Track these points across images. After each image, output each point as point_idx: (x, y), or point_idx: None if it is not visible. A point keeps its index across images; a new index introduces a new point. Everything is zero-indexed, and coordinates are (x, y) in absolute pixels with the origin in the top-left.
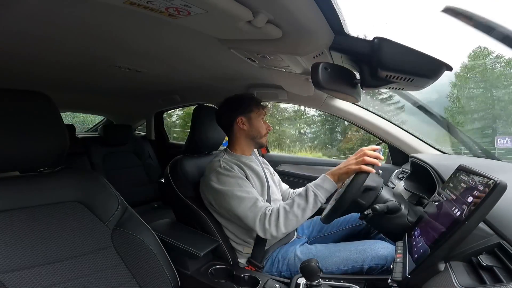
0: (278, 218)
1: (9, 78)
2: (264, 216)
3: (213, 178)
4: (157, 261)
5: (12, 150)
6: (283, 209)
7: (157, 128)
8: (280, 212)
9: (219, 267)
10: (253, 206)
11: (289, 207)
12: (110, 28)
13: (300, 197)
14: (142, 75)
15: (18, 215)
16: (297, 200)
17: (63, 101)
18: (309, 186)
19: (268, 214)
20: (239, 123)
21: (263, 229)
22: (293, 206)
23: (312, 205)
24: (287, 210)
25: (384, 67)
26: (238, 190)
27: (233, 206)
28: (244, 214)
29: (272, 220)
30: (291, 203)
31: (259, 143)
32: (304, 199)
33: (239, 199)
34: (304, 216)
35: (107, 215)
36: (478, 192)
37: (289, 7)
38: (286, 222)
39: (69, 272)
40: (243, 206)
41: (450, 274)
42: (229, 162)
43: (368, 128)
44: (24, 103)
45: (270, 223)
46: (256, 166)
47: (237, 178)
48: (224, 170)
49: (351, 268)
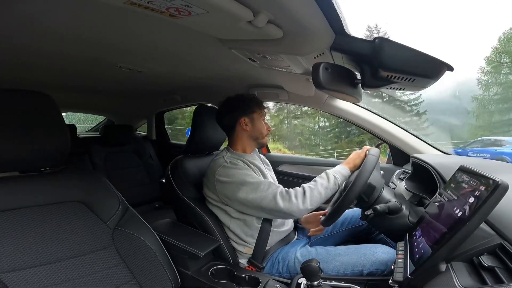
0: (304, 194)
1: (10, 78)
2: (286, 192)
3: (221, 173)
4: (158, 261)
5: (14, 150)
6: (308, 187)
7: (158, 128)
8: (306, 189)
9: (220, 267)
10: (270, 188)
11: (313, 185)
12: (111, 29)
13: (321, 178)
14: (143, 75)
15: (19, 215)
16: (319, 180)
17: (64, 101)
18: (328, 171)
19: (291, 190)
20: (242, 124)
21: (289, 202)
22: (316, 185)
23: (332, 185)
24: (312, 188)
25: (385, 67)
26: (250, 177)
27: (249, 192)
28: (263, 196)
29: (299, 195)
30: (314, 183)
31: (260, 143)
32: (326, 180)
33: (254, 184)
34: (326, 194)
35: (108, 215)
36: (480, 193)
37: (289, 7)
38: (312, 197)
39: (70, 272)
40: (260, 190)
41: (451, 274)
42: (233, 159)
43: (369, 129)
44: (25, 103)
45: (297, 197)
46: (259, 164)
47: (244, 169)
48: (231, 164)
49: (351, 272)
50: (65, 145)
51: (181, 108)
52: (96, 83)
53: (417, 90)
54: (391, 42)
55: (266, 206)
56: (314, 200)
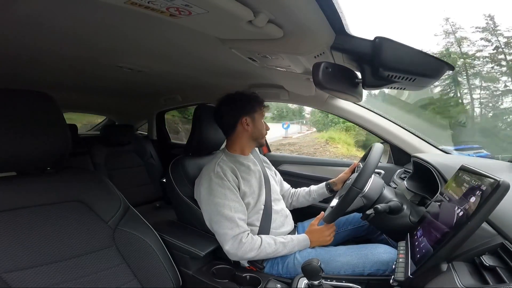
0: (252, 249)
1: (12, 78)
2: (238, 241)
3: (204, 183)
4: (159, 261)
5: (15, 150)
6: (265, 244)
7: (158, 127)
8: (262, 245)
9: (221, 267)
10: (230, 228)
11: (269, 246)
12: (111, 29)
13: (284, 246)
14: (143, 75)
15: (21, 214)
16: (280, 248)
17: (65, 101)
18: (295, 243)
19: (244, 241)
20: (243, 124)
21: (234, 250)
22: (271, 246)
23: (284, 253)
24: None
25: (386, 67)
26: (221, 205)
27: (212, 220)
28: (219, 231)
29: (247, 248)
30: (273, 243)
31: (260, 142)
32: (282, 248)
33: (221, 216)
34: (274, 255)
35: (109, 214)
36: (481, 192)
37: (290, 7)
38: (259, 254)
39: (71, 271)
40: (221, 225)
41: (452, 274)
42: (224, 166)
43: (370, 128)
44: (27, 103)
45: (245, 249)
46: (254, 166)
47: (226, 188)
48: (216, 176)
49: (352, 273)
50: (66, 145)
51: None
52: (97, 83)
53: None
54: (391, 41)
55: (217, 237)
56: (259, 257)
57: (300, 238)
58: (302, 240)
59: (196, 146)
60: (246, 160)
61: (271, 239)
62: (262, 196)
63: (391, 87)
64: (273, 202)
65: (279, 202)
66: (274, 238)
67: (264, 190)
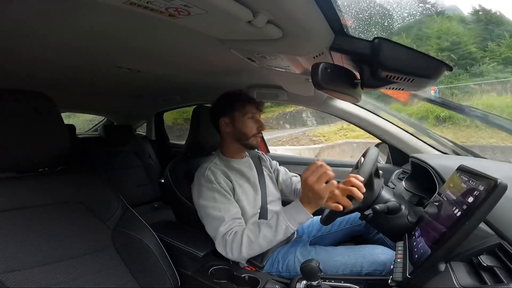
0: (241, 246)
1: (9, 78)
2: (224, 241)
3: (195, 187)
4: (157, 261)
5: (13, 151)
6: (247, 238)
7: (157, 128)
8: (244, 241)
9: (219, 267)
10: (216, 228)
11: (254, 236)
12: (110, 29)
13: (268, 228)
14: (142, 75)
15: (19, 215)
16: (264, 231)
17: (64, 102)
18: (281, 217)
19: (229, 239)
20: (222, 125)
21: (224, 252)
22: (258, 236)
23: (281, 237)
24: (251, 240)
25: (385, 68)
26: (210, 208)
27: (204, 222)
28: (209, 232)
29: (234, 246)
30: (258, 233)
31: (246, 145)
32: (273, 231)
33: (209, 217)
34: (270, 245)
35: (107, 215)
36: (479, 193)
37: (289, 7)
38: (250, 251)
39: (69, 272)
40: (210, 225)
41: (450, 274)
42: (216, 169)
43: (368, 129)
44: (25, 104)
45: (232, 249)
46: (248, 170)
47: (215, 191)
48: (206, 181)
49: (350, 272)
50: (64, 146)
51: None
52: (95, 83)
53: (416, 90)
54: (390, 42)
55: (210, 234)
56: (253, 253)
57: (284, 208)
58: (289, 209)
59: (194, 146)
60: (238, 164)
61: (255, 226)
62: (257, 202)
63: (390, 87)
64: (269, 204)
65: (275, 203)
66: (259, 223)
67: (259, 195)
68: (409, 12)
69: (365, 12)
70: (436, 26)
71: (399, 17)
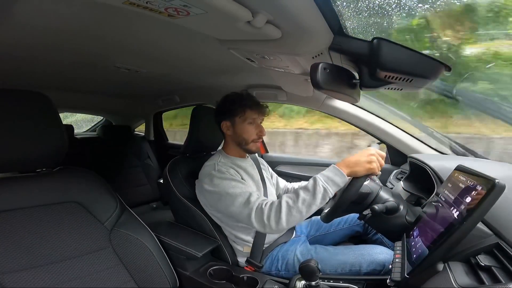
0: (280, 213)
1: (8, 78)
2: (261, 211)
3: (206, 181)
4: (155, 262)
5: (11, 150)
6: (285, 203)
7: (156, 128)
8: (283, 206)
9: (218, 268)
10: (247, 202)
11: (292, 201)
12: (109, 29)
13: (306, 191)
14: (141, 75)
15: (16, 216)
16: (302, 195)
17: (62, 101)
18: (319, 179)
19: (266, 208)
20: (223, 127)
21: (262, 223)
22: (297, 201)
23: (319, 201)
24: (290, 205)
25: (383, 68)
26: (230, 188)
27: (227, 204)
28: (238, 211)
29: (272, 214)
30: (296, 197)
31: (245, 149)
32: (312, 195)
33: (232, 196)
34: (309, 212)
35: (105, 215)
36: (477, 193)
37: (288, 8)
38: (289, 218)
39: (67, 273)
40: (237, 203)
41: (448, 274)
42: (224, 165)
43: (367, 129)
44: (23, 103)
45: (270, 218)
46: (252, 169)
47: (230, 179)
48: (218, 172)
49: (349, 272)
50: (62, 146)
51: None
52: (94, 83)
53: (415, 90)
54: (389, 42)
55: (242, 221)
56: (292, 220)
57: (320, 173)
58: (325, 172)
59: (193, 146)
60: (243, 162)
61: (291, 193)
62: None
63: (389, 87)
64: None
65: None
66: (295, 189)
67: (262, 194)
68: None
69: (364, 12)
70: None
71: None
